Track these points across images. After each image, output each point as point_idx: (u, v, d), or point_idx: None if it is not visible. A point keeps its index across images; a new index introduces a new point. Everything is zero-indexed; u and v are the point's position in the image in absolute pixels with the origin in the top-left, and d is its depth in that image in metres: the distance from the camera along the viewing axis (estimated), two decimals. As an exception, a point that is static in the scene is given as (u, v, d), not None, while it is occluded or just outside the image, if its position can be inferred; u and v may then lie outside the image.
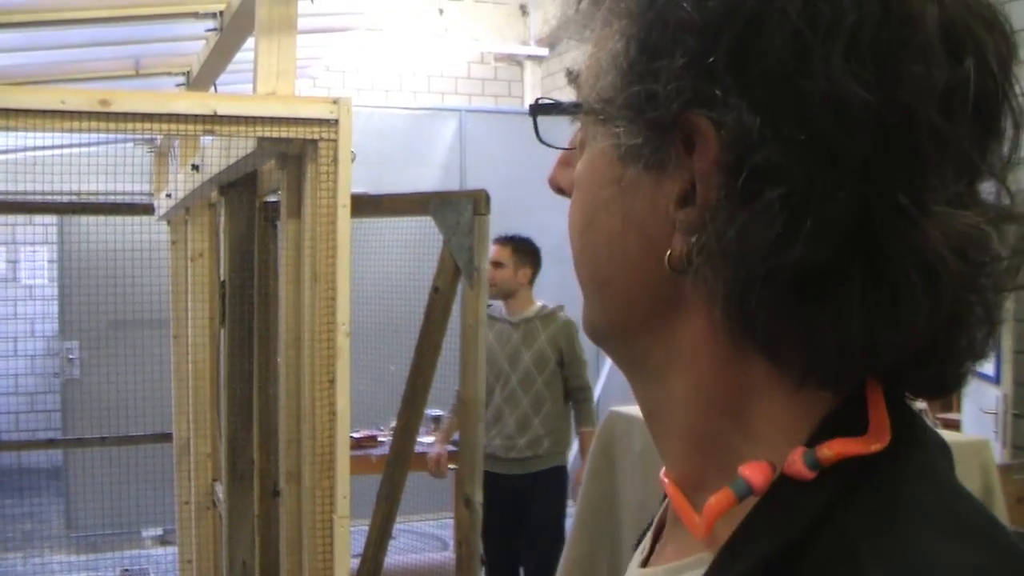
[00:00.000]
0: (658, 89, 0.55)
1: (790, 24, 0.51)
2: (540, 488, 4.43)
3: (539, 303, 4.48)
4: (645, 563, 0.69)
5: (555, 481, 4.50)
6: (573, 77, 0.66)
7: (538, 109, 0.68)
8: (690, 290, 0.58)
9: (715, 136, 0.54)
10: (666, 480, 0.64)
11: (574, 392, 4.49)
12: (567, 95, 0.68)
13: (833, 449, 0.55)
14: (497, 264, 4.30)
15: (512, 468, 4.38)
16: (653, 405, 0.64)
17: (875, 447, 0.55)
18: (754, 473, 0.56)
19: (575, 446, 4.99)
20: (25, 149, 5.18)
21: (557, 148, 0.70)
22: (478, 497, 2.81)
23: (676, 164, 0.56)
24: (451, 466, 4.41)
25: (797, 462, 0.55)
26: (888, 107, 0.51)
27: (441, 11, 8.08)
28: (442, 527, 5.94)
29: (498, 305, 4.41)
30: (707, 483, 0.60)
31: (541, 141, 0.73)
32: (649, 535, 0.72)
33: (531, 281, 4.47)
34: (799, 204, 0.52)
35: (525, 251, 4.43)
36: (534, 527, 4.43)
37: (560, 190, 0.69)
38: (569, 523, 4.30)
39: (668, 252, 0.57)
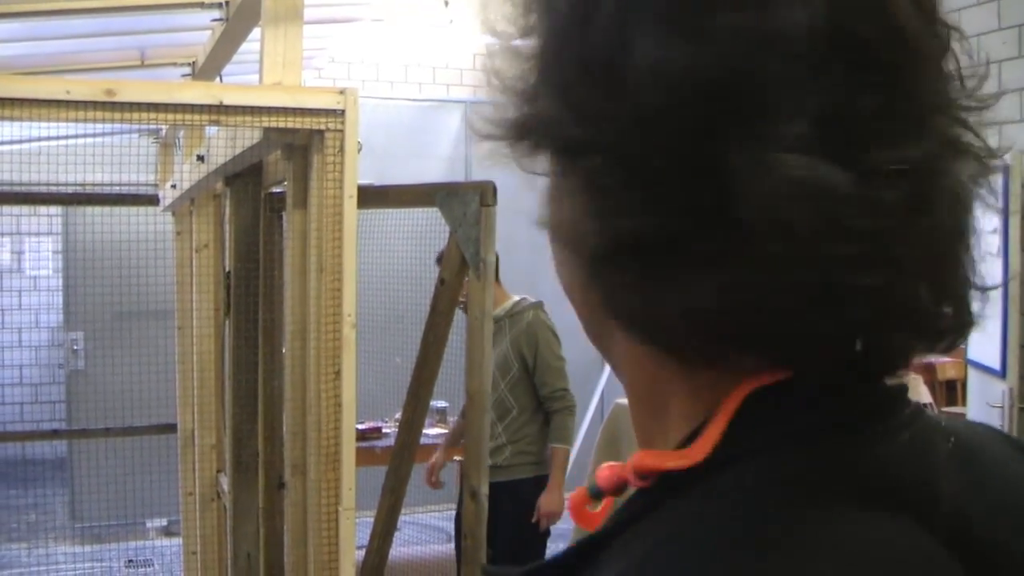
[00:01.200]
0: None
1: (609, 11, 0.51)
2: (497, 502, 3.73)
3: (515, 298, 4.05)
4: None
5: (515, 497, 3.95)
6: None
7: None
8: None
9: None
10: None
11: (545, 402, 4.02)
12: None
13: (643, 462, 0.54)
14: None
15: None
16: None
17: (671, 464, 0.52)
18: (601, 475, 0.58)
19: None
20: (30, 140, 5.18)
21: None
22: (484, 489, 2.80)
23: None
24: (456, 458, 4.37)
25: (628, 471, 0.55)
26: (696, 64, 0.48)
27: (446, 2, 8.05)
28: (447, 519, 5.93)
29: None
30: None
31: None
32: None
33: (495, 273, 3.91)
34: (617, 176, 0.50)
35: None
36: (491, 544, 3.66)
37: None
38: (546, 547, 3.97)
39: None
